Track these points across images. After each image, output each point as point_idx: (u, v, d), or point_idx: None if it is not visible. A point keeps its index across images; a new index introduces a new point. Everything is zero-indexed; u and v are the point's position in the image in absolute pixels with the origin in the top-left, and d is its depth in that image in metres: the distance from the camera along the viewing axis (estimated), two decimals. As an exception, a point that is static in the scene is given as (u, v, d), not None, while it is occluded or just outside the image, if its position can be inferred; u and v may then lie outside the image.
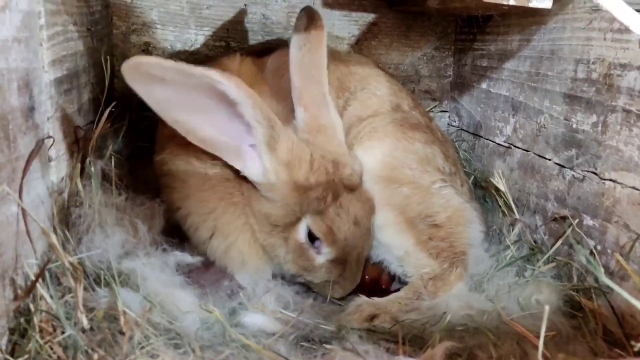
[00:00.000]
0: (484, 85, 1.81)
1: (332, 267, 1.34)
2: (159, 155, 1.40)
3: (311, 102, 1.33)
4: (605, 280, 0.81)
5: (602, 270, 1.19)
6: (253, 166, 1.26)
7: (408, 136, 1.47)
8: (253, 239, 1.36)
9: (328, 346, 1.08)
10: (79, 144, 1.23)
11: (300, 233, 1.31)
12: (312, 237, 1.31)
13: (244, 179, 1.30)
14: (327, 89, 1.36)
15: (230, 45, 1.88)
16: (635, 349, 0.73)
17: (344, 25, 1.97)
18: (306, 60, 1.34)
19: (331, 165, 1.30)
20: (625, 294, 0.74)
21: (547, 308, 0.82)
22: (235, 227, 1.35)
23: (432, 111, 2.09)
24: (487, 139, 1.78)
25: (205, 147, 1.23)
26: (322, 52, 1.35)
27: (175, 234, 1.38)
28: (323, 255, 1.33)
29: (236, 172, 1.30)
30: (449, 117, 2.11)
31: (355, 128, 1.48)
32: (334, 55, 1.63)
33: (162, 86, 1.11)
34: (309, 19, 1.39)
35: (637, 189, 1.11)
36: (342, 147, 1.35)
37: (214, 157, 1.29)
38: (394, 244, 1.40)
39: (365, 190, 1.39)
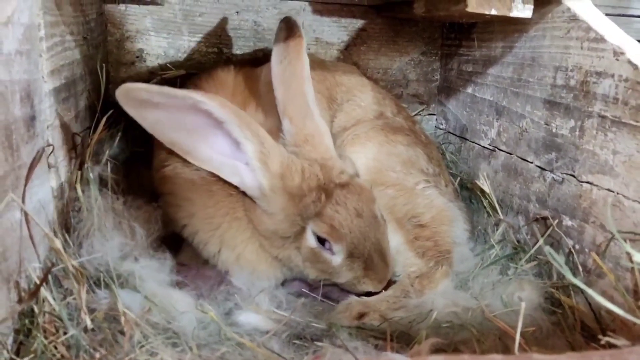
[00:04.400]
0: (469, 90, 1.86)
1: (352, 264, 1.35)
2: (159, 172, 1.43)
3: (295, 114, 1.37)
4: (573, 279, 0.86)
5: (569, 269, 1.24)
6: (250, 182, 1.30)
7: (390, 139, 1.52)
8: (260, 248, 1.39)
9: (319, 343, 1.13)
10: (76, 151, 1.27)
11: (309, 240, 1.33)
12: (321, 240, 1.33)
13: (246, 197, 1.34)
14: (311, 98, 1.39)
15: (222, 51, 1.92)
16: (602, 342, 0.78)
17: (334, 32, 2.01)
18: (287, 73, 1.39)
19: (320, 171, 1.33)
20: (590, 291, 0.80)
21: (523, 304, 0.87)
22: (241, 240, 1.39)
23: (420, 114, 2.15)
24: (472, 142, 1.83)
25: (204, 166, 1.29)
26: (302, 63, 1.39)
27: (172, 240, 1.42)
28: (337, 255, 1.34)
29: (237, 187, 1.35)
30: (437, 120, 2.16)
31: (339, 138, 1.53)
32: (321, 65, 1.68)
33: (154, 109, 1.18)
34: (288, 30, 1.43)
35: (612, 191, 1.17)
36: (329, 152, 1.39)
37: (215, 175, 1.34)
38: None
39: (360, 182, 1.40)
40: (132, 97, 1.16)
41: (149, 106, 1.19)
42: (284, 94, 1.38)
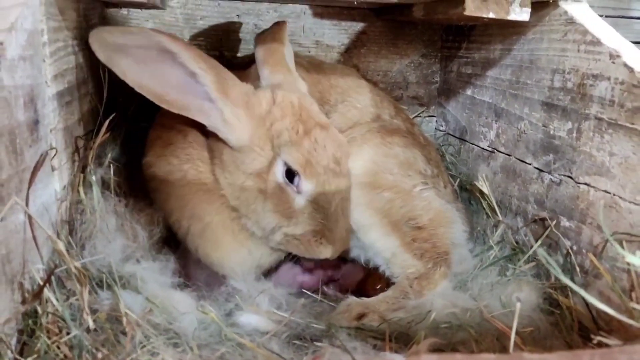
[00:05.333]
0: (468, 92, 1.88)
1: (314, 213, 1.32)
2: (145, 157, 1.47)
3: (274, 63, 1.44)
4: (567, 281, 0.87)
5: (565, 271, 1.27)
6: (215, 117, 1.29)
7: (387, 141, 1.53)
8: (229, 219, 1.38)
9: (318, 344, 1.14)
10: (79, 154, 1.29)
11: (278, 173, 1.30)
12: (290, 176, 1.30)
13: (215, 142, 1.35)
14: (291, 62, 1.49)
15: (224, 54, 1.94)
16: (594, 342, 0.79)
17: (334, 34, 2.03)
18: (268, 38, 1.50)
19: (297, 102, 1.34)
20: (583, 292, 0.81)
21: (518, 304, 0.89)
22: (209, 210, 1.39)
23: (420, 116, 2.16)
24: (472, 144, 1.84)
25: (173, 108, 1.28)
26: (283, 33, 1.51)
27: (173, 240, 1.44)
28: (303, 195, 1.32)
29: (207, 163, 1.39)
30: (436, 122, 2.17)
31: None
32: (317, 67, 1.70)
33: (122, 55, 1.22)
34: (275, 24, 1.57)
35: (609, 193, 1.18)
36: (308, 96, 1.43)
37: (188, 153, 1.40)
38: (381, 247, 1.45)
39: (337, 132, 1.40)
40: (106, 41, 1.21)
41: (118, 51, 1.22)
42: (264, 53, 1.47)
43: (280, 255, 1.47)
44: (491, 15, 1.37)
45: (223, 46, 1.94)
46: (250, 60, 1.64)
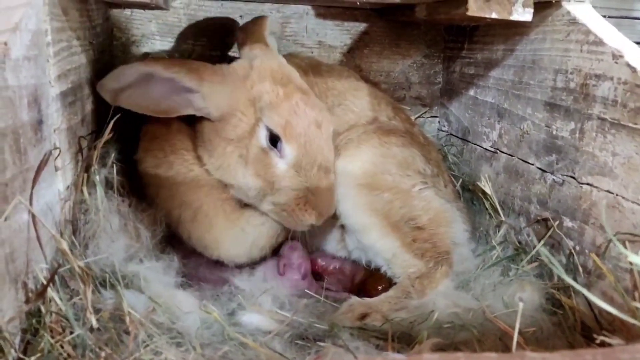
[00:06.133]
0: (471, 92, 1.87)
1: (297, 176, 1.34)
2: (136, 154, 1.49)
3: (254, 41, 1.48)
4: (570, 280, 0.87)
5: (568, 270, 1.26)
6: (198, 101, 1.35)
7: (384, 141, 1.53)
8: (218, 201, 1.41)
9: (321, 344, 1.14)
10: (83, 154, 1.29)
11: (261, 138, 1.34)
12: (273, 140, 1.33)
13: (201, 126, 1.40)
14: (274, 46, 1.52)
15: (226, 55, 1.94)
16: (597, 342, 0.79)
17: (337, 35, 2.03)
18: (249, 24, 1.56)
19: (276, 69, 1.39)
20: (586, 292, 0.81)
21: (521, 304, 0.89)
22: (198, 196, 1.42)
23: (423, 117, 2.16)
24: (474, 144, 1.84)
25: (169, 115, 1.37)
26: (264, 22, 1.55)
27: (176, 239, 1.44)
28: (285, 159, 1.34)
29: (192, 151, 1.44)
30: (439, 122, 2.17)
31: (332, 142, 1.54)
32: (314, 68, 1.70)
33: (121, 92, 1.32)
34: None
35: (612, 193, 1.18)
36: (288, 66, 1.45)
37: (172, 145, 1.44)
38: (381, 248, 1.46)
39: (318, 100, 1.43)
40: (104, 89, 1.33)
41: (118, 92, 1.32)
42: (243, 35, 1.52)
43: (278, 238, 1.48)
44: (494, 15, 1.37)
45: (226, 46, 1.95)
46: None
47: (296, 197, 1.35)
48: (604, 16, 1.33)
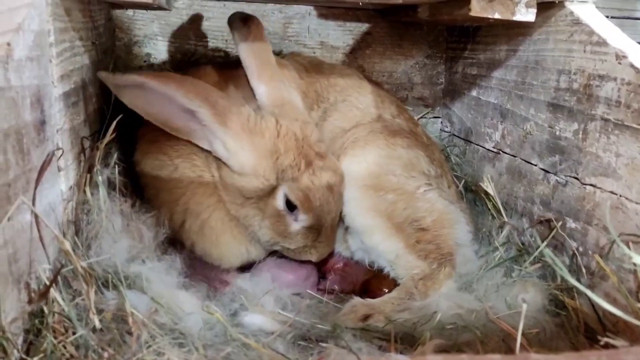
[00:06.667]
0: (474, 93, 1.87)
1: (308, 233, 1.41)
2: (135, 155, 1.49)
3: (269, 79, 1.44)
4: (573, 281, 0.87)
5: (572, 272, 1.26)
6: (218, 146, 1.34)
7: (390, 143, 1.54)
8: (227, 216, 1.42)
9: (324, 344, 1.13)
10: (85, 154, 1.29)
11: (279, 201, 1.37)
12: (290, 205, 1.37)
13: (217, 161, 1.38)
14: (280, 71, 1.49)
15: (229, 55, 1.94)
16: (601, 343, 0.79)
17: (339, 35, 2.03)
18: (255, 46, 1.47)
19: (299, 132, 1.38)
20: (590, 293, 0.81)
21: (525, 306, 0.88)
22: (207, 205, 1.42)
23: (425, 117, 2.16)
24: (477, 145, 1.84)
25: (179, 134, 1.35)
26: (265, 38, 1.50)
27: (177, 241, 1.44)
28: (299, 222, 1.39)
29: (201, 157, 1.42)
30: (441, 123, 2.17)
31: (339, 139, 1.55)
32: (316, 66, 1.70)
33: (127, 90, 1.30)
34: (242, 19, 1.53)
35: (615, 194, 1.17)
36: (306, 115, 1.45)
37: (177, 150, 1.42)
38: (385, 249, 1.46)
39: (333, 159, 1.46)
40: (108, 83, 1.32)
41: (124, 88, 1.31)
42: (254, 63, 1.46)
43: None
44: (497, 16, 1.36)
45: (228, 47, 1.95)
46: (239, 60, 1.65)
47: (304, 245, 1.43)
48: (607, 17, 1.32)
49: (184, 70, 1.62)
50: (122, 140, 1.57)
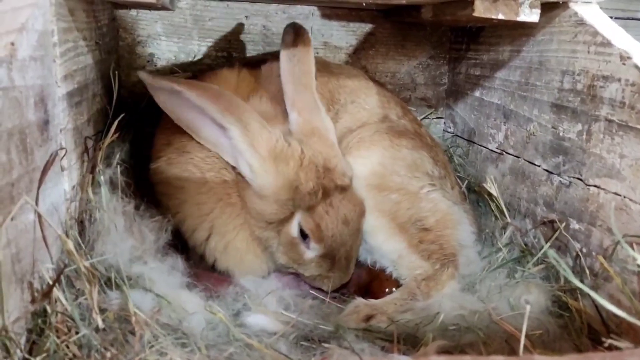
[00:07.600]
0: (477, 94, 1.87)
1: (322, 262, 1.41)
2: (155, 163, 1.48)
3: (304, 107, 1.43)
4: (577, 282, 0.87)
5: (575, 273, 1.26)
6: (242, 163, 1.35)
7: (395, 143, 1.54)
8: (251, 237, 1.43)
9: (326, 345, 1.14)
10: (88, 154, 1.29)
11: (293, 228, 1.37)
12: (303, 233, 1.37)
13: (240, 179, 1.39)
14: (317, 96, 1.46)
15: (232, 55, 1.95)
16: (605, 345, 0.78)
17: (342, 36, 2.03)
18: (297, 70, 1.45)
19: (322, 164, 1.37)
20: (594, 294, 0.80)
21: (528, 307, 0.88)
22: (233, 226, 1.43)
23: (428, 118, 2.15)
24: (480, 145, 1.84)
25: (207, 145, 1.38)
26: (310, 62, 1.47)
27: (179, 242, 1.44)
28: (312, 251, 1.39)
29: (232, 173, 1.41)
30: (445, 123, 2.17)
31: (345, 139, 1.55)
32: (325, 67, 1.70)
33: (161, 92, 1.33)
34: (295, 34, 1.50)
35: (619, 195, 1.17)
36: (334, 149, 1.43)
37: (209, 163, 1.42)
38: (388, 248, 1.46)
39: (356, 193, 1.45)
40: (147, 83, 1.35)
41: (159, 90, 1.34)
42: (293, 89, 1.44)
43: None
44: (500, 16, 1.36)
45: (232, 47, 1.95)
46: (259, 60, 1.65)
47: (318, 274, 1.43)
48: (611, 17, 1.32)
49: (201, 75, 1.63)
50: (131, 140, 1.57)
